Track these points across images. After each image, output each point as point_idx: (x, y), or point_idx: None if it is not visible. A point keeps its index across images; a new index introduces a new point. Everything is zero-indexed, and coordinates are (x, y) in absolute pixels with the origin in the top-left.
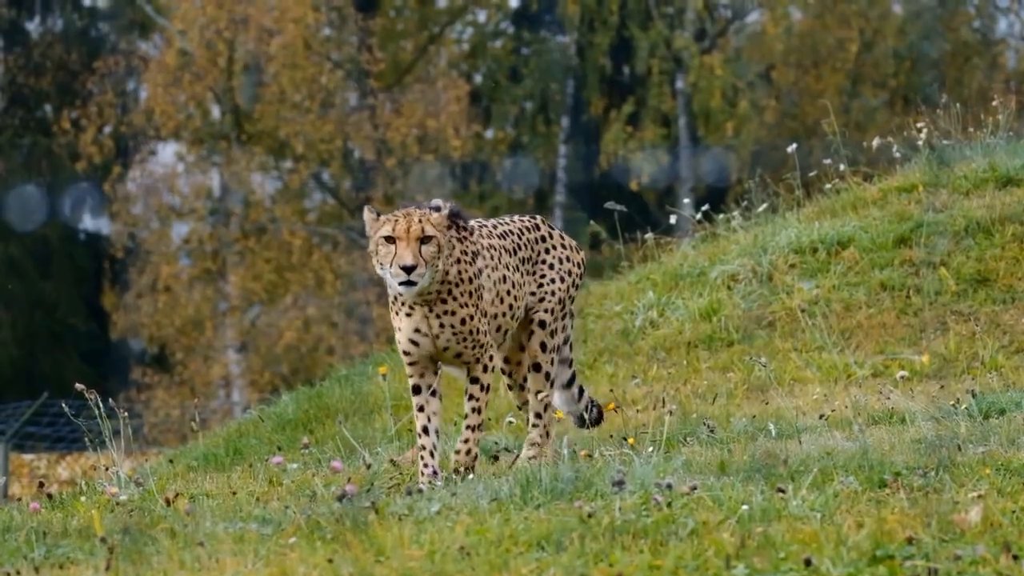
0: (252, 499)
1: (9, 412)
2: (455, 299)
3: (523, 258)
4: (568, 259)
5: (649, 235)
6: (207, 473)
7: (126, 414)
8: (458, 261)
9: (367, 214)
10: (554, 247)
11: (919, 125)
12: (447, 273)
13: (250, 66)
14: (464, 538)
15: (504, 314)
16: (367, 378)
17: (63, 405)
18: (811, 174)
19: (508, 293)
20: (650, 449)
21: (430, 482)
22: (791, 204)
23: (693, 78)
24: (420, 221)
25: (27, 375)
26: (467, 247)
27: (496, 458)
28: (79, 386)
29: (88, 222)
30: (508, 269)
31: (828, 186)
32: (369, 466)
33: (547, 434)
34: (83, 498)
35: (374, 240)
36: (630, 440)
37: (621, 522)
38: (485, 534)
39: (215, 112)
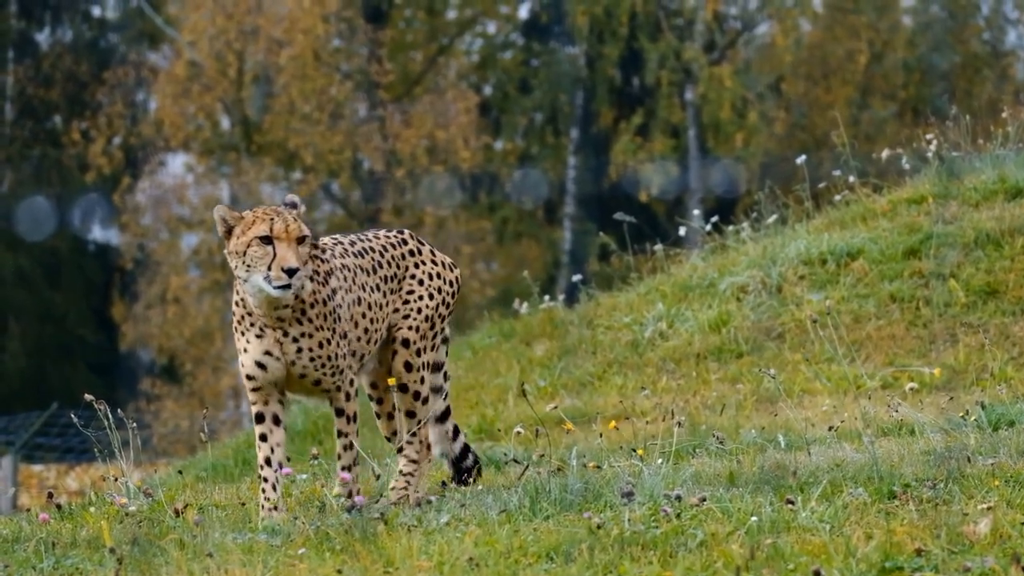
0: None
1: (19, 423)
2: (311, 321)
3: (385, 276)
4: (439, 275)
5: (658, 247)
6: (216, 484)
7: (135, 425)
8: (311, 279)
9: (226, 211)
10: (423, 262)
11: (928, 137)
12: (302, 288)
13: (259, 77)
14: (473, 549)
15: (359, 338)
16: None
17: (72, 416)
18: (820, 186)
19: (364, 316)
20: (659, 460)
21: (270, 517)
22: (800, 216)
23: (702, 89)
24: (296, 220)
25: (36, 386)
26: (319, 266)
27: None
28: (88, 397)
29: (97, 233)
30: (364, 290)
31: (837, 198)
32: (378, 477)
33: (421, 460)
34: (92, 509)
35: (243, 240)
36: (639, 451)
37: (630, 533)
38: (494, 545)
39: (224, 123)
